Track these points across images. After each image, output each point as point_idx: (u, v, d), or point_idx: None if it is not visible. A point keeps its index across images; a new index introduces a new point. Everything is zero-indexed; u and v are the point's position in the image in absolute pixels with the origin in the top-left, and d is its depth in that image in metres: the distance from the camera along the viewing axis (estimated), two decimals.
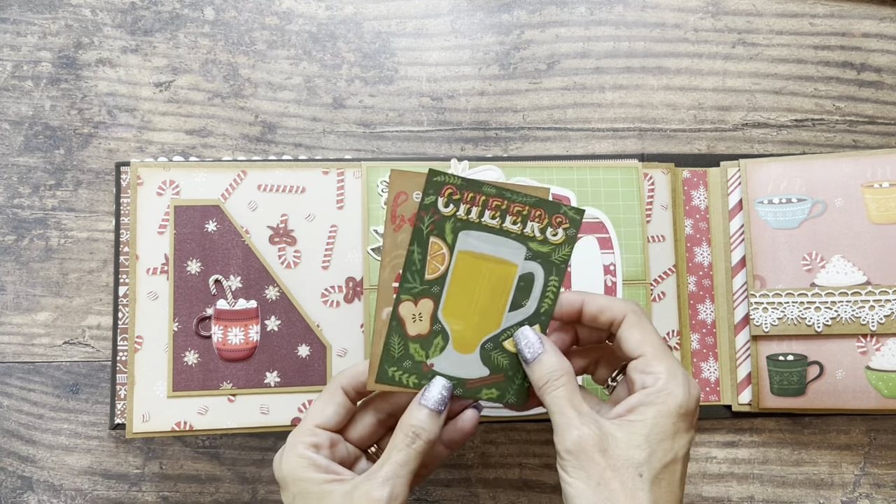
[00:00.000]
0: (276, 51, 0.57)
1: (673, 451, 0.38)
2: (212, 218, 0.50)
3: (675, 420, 0.38)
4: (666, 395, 0.38)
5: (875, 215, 0.52)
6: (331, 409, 0.41)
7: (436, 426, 0.40)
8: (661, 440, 0.37)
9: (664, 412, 0.38)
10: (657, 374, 0.39)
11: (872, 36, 0.59)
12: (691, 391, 0.39)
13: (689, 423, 0.39)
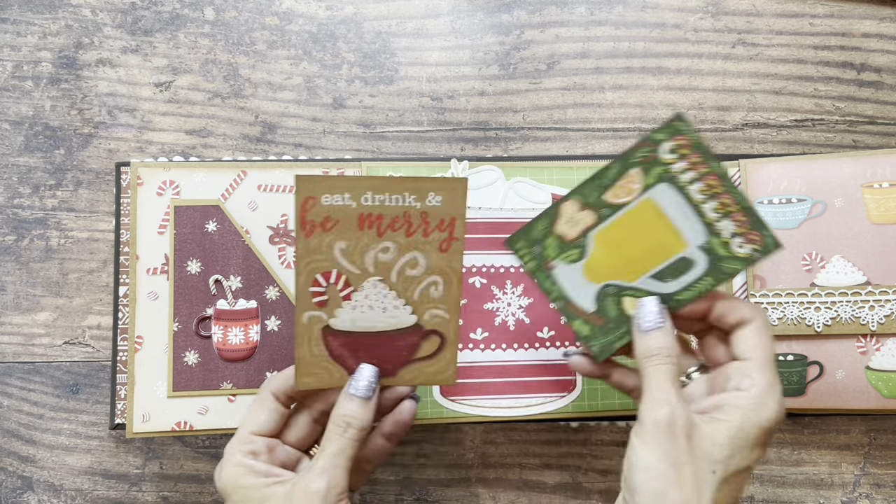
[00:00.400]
0: (276, 51, 0.57)
1: (748, 459, 0.37)
2: (212, 218, 0.50)
3: (758, 432, 0.37)
4: (759, 404, 0.38)
5: (875, 215, 0.52)
6: (264, 415, 0.42)
7: (366, 413, 0.41)
8: (742, 446, 0.37)
9: (753, 420, 0.37)
10: (757, 382, 0.38)
11: (872, 36, 0.59)
12: (781, 410, 0.38)
13: (768, 440, 0.38)
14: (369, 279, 0.42)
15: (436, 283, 0.43)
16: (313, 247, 0.41)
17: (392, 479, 0.55)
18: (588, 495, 0.55)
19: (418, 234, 0.42)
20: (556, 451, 0.55)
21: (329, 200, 0.40)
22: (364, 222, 0.41)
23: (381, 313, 0.43)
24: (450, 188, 0.41)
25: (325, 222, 0.41)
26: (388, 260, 0.42)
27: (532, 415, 0.51)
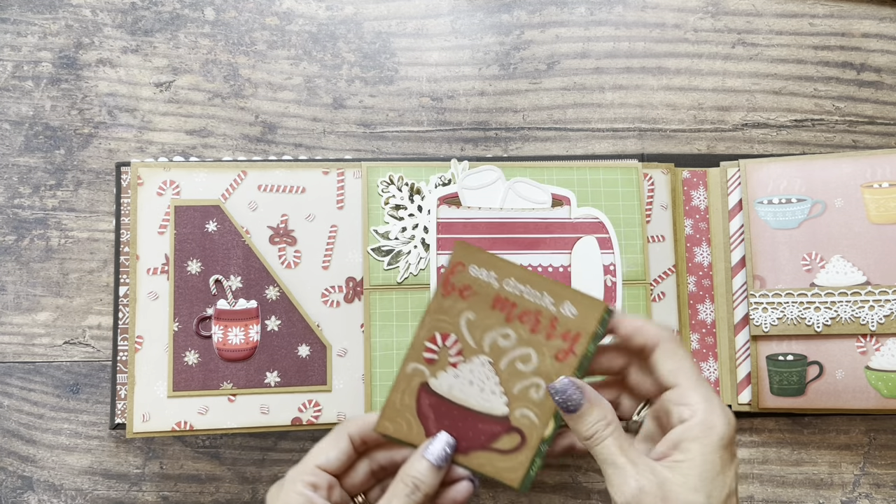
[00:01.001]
0: (276, 51, 0.57)
1: (727, 485, 0.37)
2: (212, 218, 0.50)
3: (720, 453, 0.37)
4: (707, 428, 0.37)
5: (875, 215, 0.52)
6: (334, 452, 0.41)
7: (435, 481, 0.40)
8: (713, 477, 0.37)
9: (709, 447, 0.37)
10: (694, 406, 0.38)
11: (872, 36, 0.59)
12: (730, 420, 0.38)
13: (733, 452, 0.38)
14: (481, 356, 0.43)
15: (538, 386, 0.43)
16: (445, 307, 0.43)
17: None
18: (588, 495, 0.55)
19: (541, 333, 0.43)
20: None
21: (476, 272, 0.42)
22: (498, 304, 0.43)
23: (479, 392, 0.43)
24: (587, 305, 0.42)
25: (464, 289, 0.43)
26: (505, 346, 0.43)
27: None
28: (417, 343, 0.43)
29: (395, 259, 0.51)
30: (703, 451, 0.37)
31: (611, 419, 0.39)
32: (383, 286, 0.51)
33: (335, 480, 0.42)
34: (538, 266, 0.52)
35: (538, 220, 0.53)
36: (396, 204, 0.52)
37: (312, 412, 0.50)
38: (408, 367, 0.43)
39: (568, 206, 0.53)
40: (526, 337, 0.43)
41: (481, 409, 0.43)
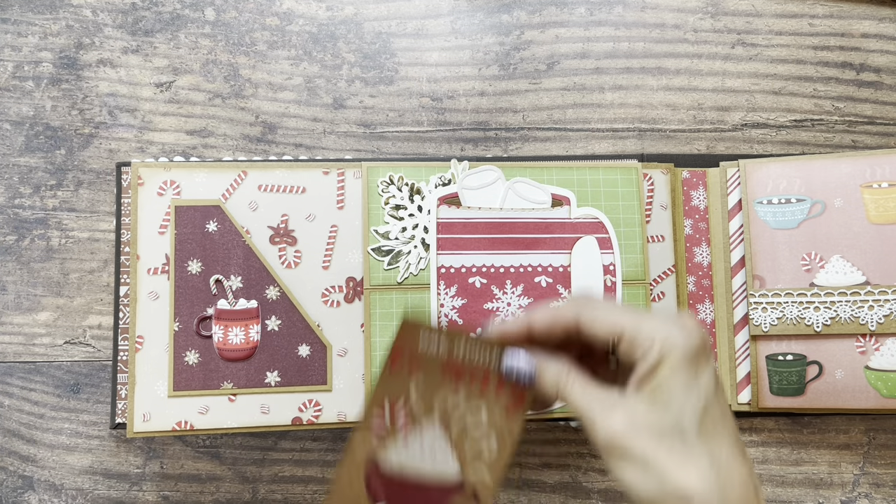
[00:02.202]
0: (276, 51, 0.57)
1: (701, 396, 0.35)
2: (212, 218, 0.50)
3: (688, 366, 0.35)
4: (667, 349, 0.35)
5: (874, 215, 0.52)
6: None
7: None
8: (685, 392, 0.35)
9: (674, 365, 0.35)
10: (646, 336, 0.36)
11: (872, 36, 0.59)
12: (689, 328, 0.36)
13: (705, 360, 0.36)
14: (432, 427, 0.43)
15: (489, 444, 0.43)
16: (391, 382, 0.42)
17: None
18: (588, 495, 0.55)
19: (491, 389, 0.42)
20: (555, 451, 0.56)
21: (425, 346, 0.42)
22: (447, 370, 0.42)
23: (431, 463, 0.43)
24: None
25: (412, 361, 0.42)
26: (454, 407, 0.43)
27: (532, 414, 0.51)
28: (367, 415, 0.43)
29: (396, 259, 0.51)
30: (668, 372, 0.35)
31: (568, 369, 0.38)
32: (383, 286, 0.51)
33: None
34: (538, 266, 0.52)
35: (538, 220, 0.53)
36: (396, 204, 0.52)
37: (312, 412, 0.50)
38: (356, 439, 0.43)
39: (568, 206, 0.53)
40: (476, 395, 0.43)
41: (433, 478, 0.43)
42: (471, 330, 0.42)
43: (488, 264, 0.52)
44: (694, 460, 0.34)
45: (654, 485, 0.34)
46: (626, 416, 0.36)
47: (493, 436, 0.42)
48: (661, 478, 0.34)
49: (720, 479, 0.34)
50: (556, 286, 0.52)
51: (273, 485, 0.54)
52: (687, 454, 0.34)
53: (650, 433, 0.35)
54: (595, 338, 0.38)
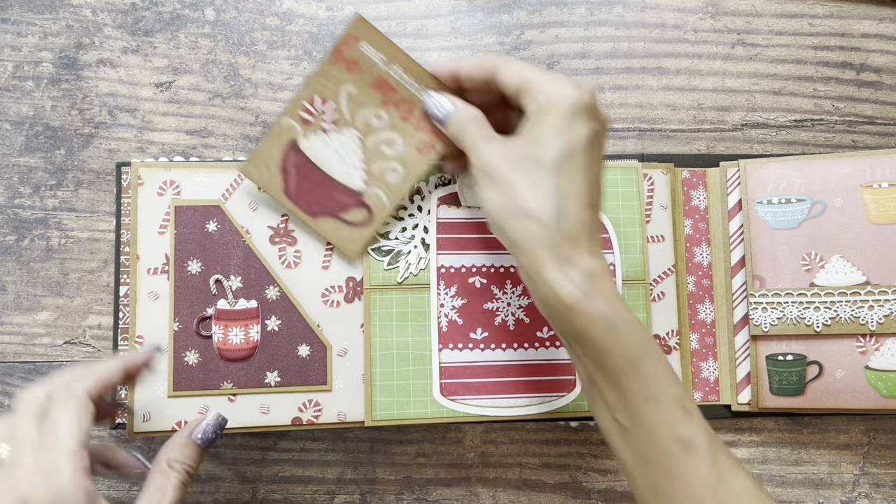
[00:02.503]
0: (276, 51, 0.57)
1: (569, 141, 0.40)
2: (212, 218, 0.50)
3: (568, 115, 0.40)
4: (554, 98, 0.40)
5: (874, 215, 0.52)
6: (85, 422, 0.38)
7: (201, 460, 0.45)
8: (555, 134, 0.40)
9: (555, 113, 0.40)
10: (541, 87, 0.41)
11: (872, 36, 0.59)
12: (582, 88, 0.40)
13: (588, 116, 0.40)
14: (352, 129, 0.47)
15: (396, 171, 0.48)
16: (330, 74, 0.47)
17: (392, 479, 0.55)
18: (588, 495, 0.55)
19: (411, 123, 0.47)
20: (555, 451, 0.56)
21: (366, 50, 0.46)
22: (379, 85, 0.47)
23: (341, 163, 0.47)
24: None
25: (352, 63, 0.46)
26: (376, 127, 0.47)
27: (532, 415, 0.51)
28: (297, 101, 0.47)
29: (395, 259, 0.51)
30: (550, 117, 0.40)
31: (476, 115, 0.45)
32: (383, 286, 0.51)
33: None
34: None
35: None
36: None
37: (312, 412, 0.50)
38: (283, 120, 0.47)
39: None
40: (397, 123, 0.47)
41: (340, 179, 0.47)
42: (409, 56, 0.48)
43: (488, 264, 0.52)
44: (542, 187, 0.39)
45: (506, 202, 0.40)
46: (503, 149, 0.42)
47: (401, 167, 0.48)
48: (511, 197, 0.40)
49: (559, 209, 0.39)
50: None
51: (273, 485, 0.54)
52: (538, 182, 0.39)
53: (514, 163, 0.41)
54: (506, 86, 0.43)
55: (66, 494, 0.35)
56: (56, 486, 0.35)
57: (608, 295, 0.39)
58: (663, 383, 0.38)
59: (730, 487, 0.38)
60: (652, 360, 0.39)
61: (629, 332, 0.38)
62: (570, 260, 0.38)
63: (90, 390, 0.39)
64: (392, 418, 0.50)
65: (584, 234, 0.39)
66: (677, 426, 0.38)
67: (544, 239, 0.39)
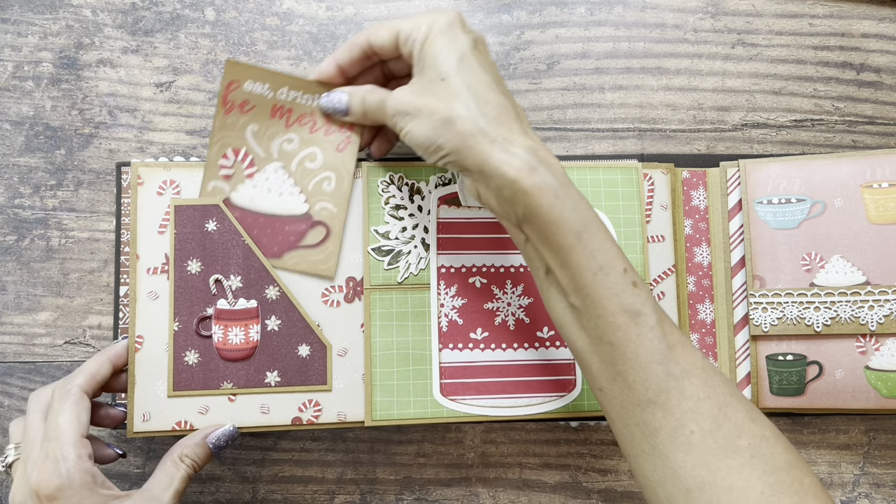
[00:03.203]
0: (276, 51, 0.57)
1: (457, 49, 0.42)
2: (212, 218, 0.50)
3: (446, 32, 0.43)
4: (427, 28, 0.43)
5: (874, 215, 0.52)
6: (84, 416, 0.44)
7: (208, 461, 0.48)
8: (443, 51, 0.42)
9: (434, 37, 0.43)
10: (411, 26, 0.44)
11: (872, 36, 0.59)
12: (443, 11, 0.44)
13: (462, 29, 0.43)
14: (272, 163, 0.49)
15: (329, 179, 0.49)
16: (229, 124, 0.48)
17: (392, 479, 0.55)
18: (588, 495, 0.55)
19: (320, 132, 0.49)
20: (556, 451, 0.56)
21: (251, 87, 0.48)
22: (276, 112, 0.49)
23: (278, 197, 0.48)
24: None
25: (243, 105, 0.48)
26: (291, 150, 0.49)
27: (532, 414, 0.51)
28: (212, 162, 0.48)
29: (396, 259, 0.51)
30: (430, 44, 0.43)
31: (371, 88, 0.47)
32: (383, 286, 0.51)
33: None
34: None
35: None
36: (396, 204, 0.52)
37: (312, 412, 0.50)
38: (208, 186, 0.48)
39: None
40: (308, 137, 0.49)
41: (283, 212, 0.49)
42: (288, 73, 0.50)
43: (488, 264, 0.52)
44: (454, 92, 0.41)
45: (429, 123, 0.42)
46: (407, 88, 0.44)
47: (331, 172, 0.49)
48: (433, 115, 0.42)
49: (477, 101, 0.41)
50: None
51: (273, 485, 0.54)
52: (449, 90, 0.41)
53: (422, 91, 0.43)
54: (384, 46, 0.46)
55: (73, 478, 0.41)
56: (63, 472, 0.41)
57: (553, 166, 0.40)
58: (609, 255, 0.39)
59: (679, 359, 0.38)
60: (598, 231, 0.40)
61: (575, 202, 0.39)
62: (508, 140, 0.40)
63: (84, 386, 0.44)
64: (392, 418, 0.50)
65: (510, 116, 0.41)
66: (625, 296, 0.39)
67: (477, 130, 0.40)
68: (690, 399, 0.38)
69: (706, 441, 0.37)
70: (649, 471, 0.38)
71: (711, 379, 0.38)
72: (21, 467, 0.43)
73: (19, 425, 0.46)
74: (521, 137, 0.40)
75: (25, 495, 0.41)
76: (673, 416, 0.38)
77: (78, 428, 0.43)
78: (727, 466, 0.36)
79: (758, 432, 0.38)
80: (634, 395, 0.38)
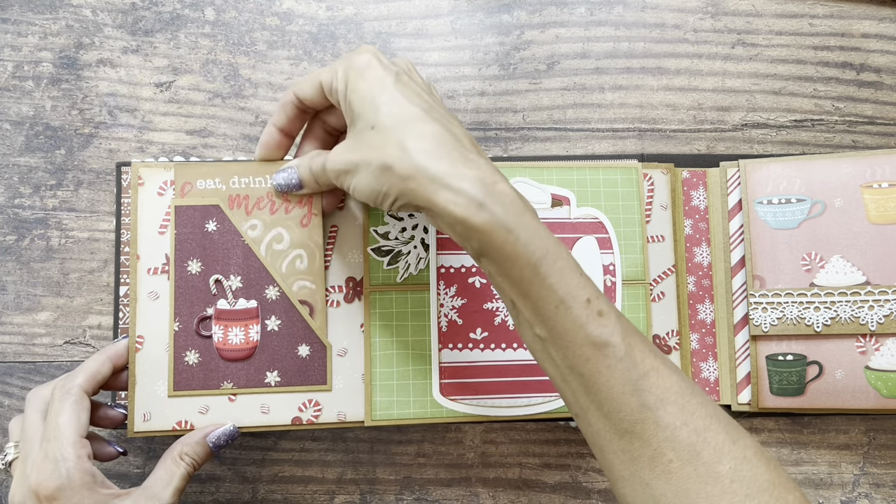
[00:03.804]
0: (276, 51, 0.57)
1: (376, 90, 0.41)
2: (212, 218, 0.50)
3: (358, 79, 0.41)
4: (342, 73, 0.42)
5: (874, 215, 0.52)
6: (84, 415, 0.44)
7: (208, 458, 0.48)
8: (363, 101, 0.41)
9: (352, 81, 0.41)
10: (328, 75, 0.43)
11: (872, 36, 0.59)
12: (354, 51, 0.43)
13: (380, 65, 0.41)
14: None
15: (300, 257, 0.49)
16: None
17: (392, 479, 0.55)
18: (588, 495, 0.55)
19: (280, 211, 0.49)
20: (556, 451, 0.56)
21: (203, 185, 0.49)
22: (233, 203, 0.49)
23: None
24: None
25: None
26: (257, 236, 0.49)
27: (532, 414, 0.51)
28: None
29: (395, 259, 0.51)
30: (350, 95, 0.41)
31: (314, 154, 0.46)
32: (383, 286, 0.51)
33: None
34: None
35: None
36: None
37: (312, 412, 0.50)
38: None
39: (567, 206, 0.53)
40: (270, 220, 0.49)
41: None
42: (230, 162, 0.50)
43: None
44: (385, 138, 0.39)
45: (368, 175, 0.40)
46: (342, 146, 0.43)
47: (301, 249, 0.49)
48: (369, 167, 0.40)
49: (410, 140, 0.39)
50: None
51: (273, 485, 0.54)
52: (380, 138, 0.40)
53: (355, 144, 0.41)
54: (313, 100, 0.45)
55: (73, 478, 0.41)
56: (63, 472, 0.41)
57: (502, 195, 0.38)
58: (571, 286, 0.38)
59: (653, 388, 0.37)
60: (557, 261, 0.38)
61: (528, 235, 0.37)
62: (450, 174, 0.38)
63: (84, 386, 0.44)
64: (392, 418, 0.50)
65: (448, 145, 0.39)
66: (591, 328, 0.37)
67: (416, 171, 0.38)
68: (667, 428, 0.37)
69: (685, 469, 0.36)
70: (630, 496, 0.38)
71: (689, 404, 0.37)
72: (20, 466, 0.43)
73: (19, 423, 0.46)
74: (463, 167, 0.38)
75: (25, 495, 0.41)
76: (650, 446, 0.37)
77: (78, 428, 0.42)
78: (707, 494, 0.36)
79: (739, 454, 0.37)
80: (611, 424, 0.38)
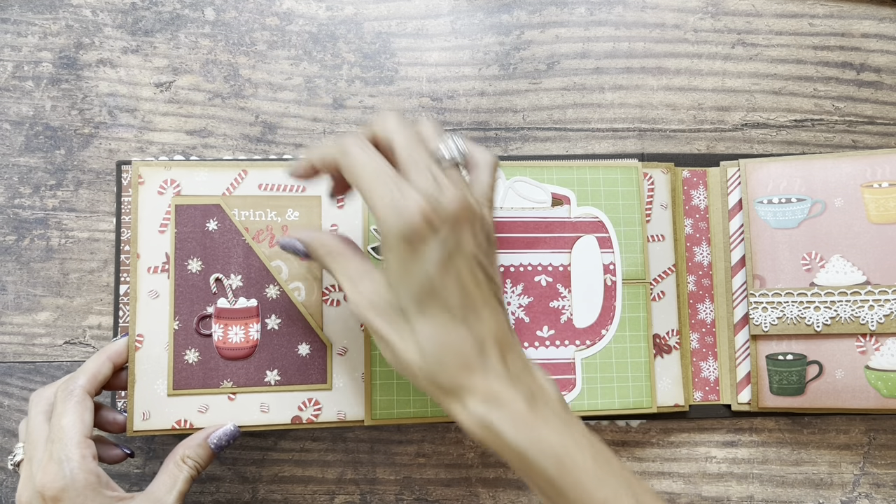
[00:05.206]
0: (276, 51, 0.57)
1: (419, 275, 0.36)
2: (213, 217, 0.50)
3: (403, 248, 0.35)
4: (384, 227, 0.36)
5: (874, 215, 0.52)
6: (88, 416, 0.44)
7: (211, 460, 0.48)
8: (401, 274, 0.36)
9: (391, 246, 0.36)
10: (371, 207, 0.36)
11: (872, 36, 0.59)
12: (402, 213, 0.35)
13: (420, 241, 0.35)
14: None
15: (298, 289, 0.49)
16: None
17: (392, 479, 0.55)
18: None
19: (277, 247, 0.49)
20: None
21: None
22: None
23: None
24: (306, 205, 0.50)
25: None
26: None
27: None
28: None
29: None
30: (387, 253, 0.36)
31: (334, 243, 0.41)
32: None
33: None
34: (538, 265, 0.52)
35: (538, 220, 0.53)
36: None
37: (312, 411, 0.50)
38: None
39: (568, 205, 0.53)
40: (269, 253, 0.49)
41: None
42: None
43: None
44: (412, 337, 0.36)
45: (391, 356, 0.38)
46: (370, 293, 0.38)
47: (300, 283, 0.49)
48: (392, 351, 0.37)
49: (436, 352, 0.36)
50: (556, 285, 0.52)
51: (273, 485, 0.54)
52: (408, 331, 0.37)
53: (377, 310, 0.38)
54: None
55: (77, 479, 0.41)
56: (67, 473, 0.41)
57: (508, 404, 0.35)
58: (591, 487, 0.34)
59: None
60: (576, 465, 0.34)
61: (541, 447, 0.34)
62: (464, 388, 0.36)
63: (86, 387, 0.45)
64: (392, 417, 0.50)
65: (469, 354, 0.36)
66: None
67: (430, 382, 0.36)
68: None
69: None
70: None
71: None
72: (27, 468, 0.43)
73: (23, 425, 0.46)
74: (480, 379, 0.36)
75: (31, 496, 0.42)
76: None
77: (81, 429, 0.43)
78: None
79: None
80: None
